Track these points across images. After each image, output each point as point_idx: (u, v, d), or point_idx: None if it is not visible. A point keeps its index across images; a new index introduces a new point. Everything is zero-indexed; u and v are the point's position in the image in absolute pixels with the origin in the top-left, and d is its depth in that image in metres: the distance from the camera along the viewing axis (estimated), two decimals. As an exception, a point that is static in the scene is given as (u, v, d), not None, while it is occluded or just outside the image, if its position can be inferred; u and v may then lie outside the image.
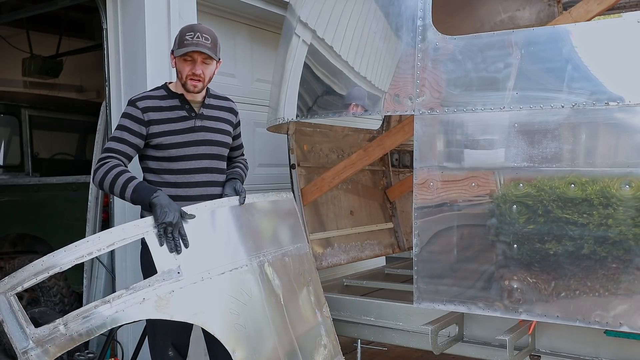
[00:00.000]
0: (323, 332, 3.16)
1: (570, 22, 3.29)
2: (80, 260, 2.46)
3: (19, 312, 2.42)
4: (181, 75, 2.87)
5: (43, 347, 2.37)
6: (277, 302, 2.85)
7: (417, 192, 3.10)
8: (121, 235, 2.50)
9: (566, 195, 2.74)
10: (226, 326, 2.59)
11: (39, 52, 6.87)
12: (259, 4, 4.76)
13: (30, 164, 5.93)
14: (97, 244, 2.45)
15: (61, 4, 4.64)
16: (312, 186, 4.10)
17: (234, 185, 3.00)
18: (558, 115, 2.77)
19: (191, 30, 2.83)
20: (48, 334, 2.38)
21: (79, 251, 2.43)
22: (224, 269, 2.64)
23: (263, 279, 2.80)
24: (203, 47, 2.81)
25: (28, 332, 2.39)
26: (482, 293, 2.96)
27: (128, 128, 2.84)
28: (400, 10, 3.23)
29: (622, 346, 2.97)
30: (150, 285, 2.46)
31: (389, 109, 3.26)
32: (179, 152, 2.89)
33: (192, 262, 2.55)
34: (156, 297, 2.45)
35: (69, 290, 4.69)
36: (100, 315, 2.40)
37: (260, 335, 2.71)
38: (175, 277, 2.49)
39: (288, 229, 3.17)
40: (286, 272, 3.00)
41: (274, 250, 2.95)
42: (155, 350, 2.97)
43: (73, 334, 2.38)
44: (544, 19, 5.05)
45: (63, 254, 2.42)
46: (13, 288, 2.44)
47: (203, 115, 2.96)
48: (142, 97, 2.91)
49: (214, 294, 2.59)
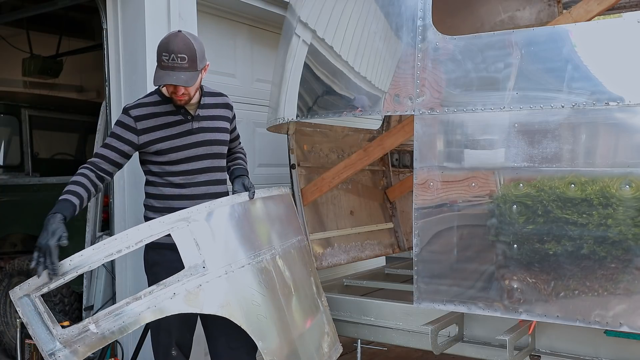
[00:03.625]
0: (324, 320, 3.22)
1: (570, 22, 3.29)
2: (109, 259, 2.47)
3: (44, 313, 2.40)
4: (167, 91, 2.88)
5: (72, 347, 2.36)
6: (289, 292, 2.92)
7: (417, 192, 3.10)
8: (148, 232, 2.52)
9: (566, 195, 2.74)
10: (250, 317, 2.63)
11: (39, 52, 6.87)
12: (259, 4, 4.76)
13: (30, 164, 5.93)
14: (125, 242, 2.46)
15: (61, 4, 4.64)
16: (312, 186, 4.10)
17: (242, 181, 3.03)
18: (558, 115, 2.77)
19: (166, 51, 2.70)
20: (77, 334, 2.37)
21: (108, 249, 2.44)
22: (244, 263, 2.68)
23: (277, 270, 2.86)
24: (177, 77, 2.70)
25: (55, 333, 2.37)
26: (482, 293, 2.96)
27: (118, 135, 2.87)
28: (400, 10, 3.23)
29: (622, 346, 2.97)
30: (179, 280, 2.48)
31: (389, 109, 3.26)
32: (179, 156, 2.89)
33: (215, 257, 2.58)
34: (185, 292, 2.47)
35: (69, 290, 4.69)
36: (133, 312, 2.40)
37: (279, 325, 2.77)
38: (202, 271, 2.51)
39: (291, 222, 3.22)
40: (294, 264, 3.06)
41: (282, 243, 3.01)
42: (158, 350, 2.97)
43: (105, 332, 2.38)
44: (544, 19, 5.05)
45: (92, 252, 2.42)
46: (39, 289, 2.41)
47: (200, 116, 2.96)
48: (135, 105, 2.91)
49: (238, 286, 2.63)
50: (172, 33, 2.78)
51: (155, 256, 2.91)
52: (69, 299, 4.73)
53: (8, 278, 5.01)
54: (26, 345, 3.63)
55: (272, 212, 3.11)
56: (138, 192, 3.63)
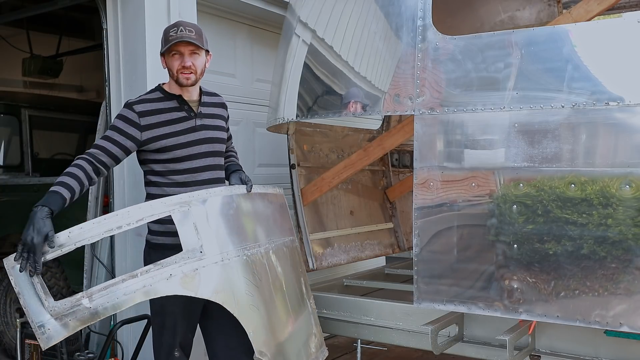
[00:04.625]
0: (312, 322, 3.23)
1: (570, 22, 3.30)
2: (109, 234, 2.45)
3: (38, 284, 2.36)
4: (172, 72, 2.88)
5: (62, 320, 2.32)
6: (281, 287, 2.93)
7: (417, 192, 3.10)
8: (149, 212, 2.53)
9: (566, 195, 2.74)
10: (243, 306, 2.64)
11: (39, 52, 6.87)
12: (259, 4, 4.76)
13: (30, 164, 5.92)
14: (126, 218, 2.46)
15: (61, 4, 4.64)
16: (312, 186, 4.11)
17: (239, 175, 3.06)
18: (558, 115, 2.77)
19: (174, 26, 2.85)
20: (70, 307, 2.33)
21: (108, 224, 2.43)
22: (239, 253, 2.69)
23: (270, 264, 2.87)
24: (188, 38, 2.81)
25: (46, 305, 2.33)
26: (482, 293, 2.96)
27: (120, 130, 2.82)
28: (400, 10, 3.23)
29: (622, 346, 2.97)
30: (177, 262, 2.49)
31: (389, 109, 3.26)
32: (184, 152, 2.89)
33: (212, 243, 2.59)
34: (182, 274, 2.48)
35: (69, 290, 4.69)
36: (128, 289, 2.39)
37: (270, 317, 2.79)
38: (199, 255, 2.53)
39: (283, 221, 3.23)
40: (286, 261, 3.07)
41: (276, 240, 3.02)
42: (160, 350, 2.96)
43: (98, 308, 2.35)
44: (544, 19, 5.05)
45: (92, 226, 2.41)
46: None
47: (202, 114, 2.97)
48: (139, 101, 2.89)
49: (232, 274, 2.64)
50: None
51: (157, 256, 2.90)
52: (69, 299, 4.73)
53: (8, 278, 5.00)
54: (26, 345, 3.64)
55: (268, 208, 3.12)
56: (138, 192, 3.63)
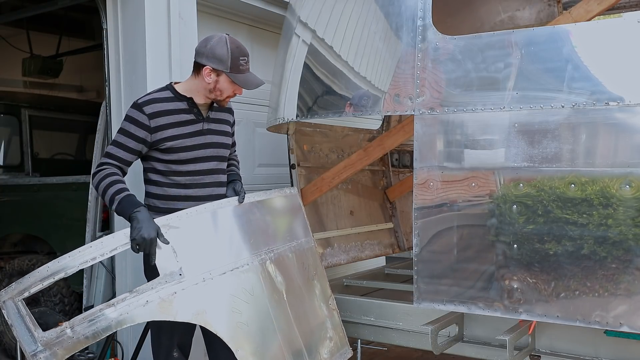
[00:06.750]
0: (329, 325, 3.20)
1: (570, 22, 3.29)
2: (84, 266, 2.55)
3: (27, 316, 2.50)
4: (221, 93, 2.87)
5: (51, 349, 2.46)
6: (280, 298, 2.89)
7: (417, 192, 3.10)
8: (123, 240, 2.58)
9: (566, 195, 2.74)
10: (229, 325, 2.63)
11: (39, 52, 6.86)
12: (259, 4, 4.76)
13: (30, 164, 5.93)
14: (100, 249, 2.54)
15: (61, 4, 4.64)
16: (312, 186, 4.10)
17: (233, 186, 3.05)
18: (558, 115, 2.77)
19: (243, 55, 2.85)
20: (56, 337, 2.46)
21: (83, 256, 2.52)
22: (225, 269, 2.67)
23: (265, 276, 2.83)
24: (257, 81, 2.91)
25: (37, 336, 2.47)
26: (482, 293, 2.96)
27: (131, 134, 2.81)
28: (400, 10, 3.23)
29: (622, 346, 2.97)
30: (153, 287, 2.52)
31: (389, 108, 3.26)
32: (189, 155, 2.88)
33: (193, 264, 2.59)
34: (159, 299, 2.51)
35: (69, 290, 4.69)
36: (106, 318, 2.48)
37: (264, 332, 2.75)
38: (178, 278, 2.54)
39: (291, 224, 3.20)
40: (289, 268, 3.03)
41: (276, 247, 2.98)
42: (159, 351, 2.96)
43: (80, 337, 2.47)
44: (544, 19, 5.05)
45: (68, 260, 2.51)
46: (20, 293, 2.51)
47: (210, 118, 2.97)
48: (149, 101, 2.84)
49: (216, 293, 2.62)
50: (229, 37, 2.85)
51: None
52: (69, 299, 4.74)
53: (8, 278, 5.00)
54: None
55: (267, 215, 3.08)
56: (138, 192, 3.62)
